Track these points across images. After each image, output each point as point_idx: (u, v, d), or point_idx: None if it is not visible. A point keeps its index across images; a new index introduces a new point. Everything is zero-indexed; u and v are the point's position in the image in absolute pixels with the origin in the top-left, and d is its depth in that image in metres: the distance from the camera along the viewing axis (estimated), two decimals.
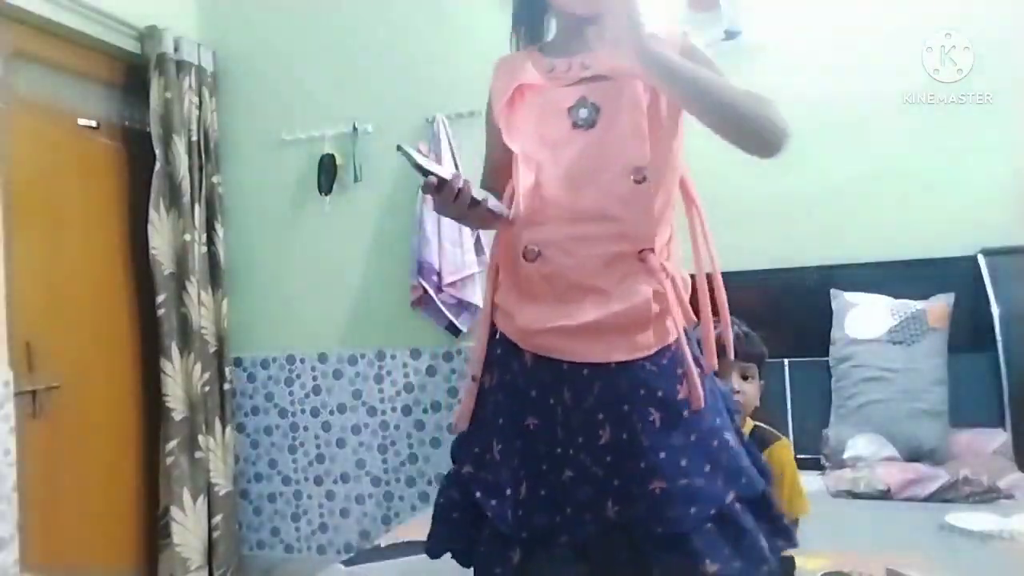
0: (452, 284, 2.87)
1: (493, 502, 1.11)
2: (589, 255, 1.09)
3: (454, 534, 1.20)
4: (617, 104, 1.12)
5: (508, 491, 1.11)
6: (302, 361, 3.26)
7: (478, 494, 1.13)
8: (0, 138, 2.46)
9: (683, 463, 1.07)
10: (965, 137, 2.52)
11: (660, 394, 1.09)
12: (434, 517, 1.23)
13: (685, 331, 1.13)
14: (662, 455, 1.07)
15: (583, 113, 1.13)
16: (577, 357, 1.11)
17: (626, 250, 1.10)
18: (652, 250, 1.11)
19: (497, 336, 1.20)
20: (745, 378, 1.60)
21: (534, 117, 1.16)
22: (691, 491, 1.06)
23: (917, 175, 2.58)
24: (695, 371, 1.10)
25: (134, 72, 3.03)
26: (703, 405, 1.10)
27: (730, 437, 1.14)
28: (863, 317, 2.49)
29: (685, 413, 1.10)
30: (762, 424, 1.61)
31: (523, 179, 1.12)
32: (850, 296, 2.55)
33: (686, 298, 1.16)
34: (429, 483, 3.10)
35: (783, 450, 1.55)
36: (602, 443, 1.09)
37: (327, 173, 3.12)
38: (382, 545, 2.02)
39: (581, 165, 1.12)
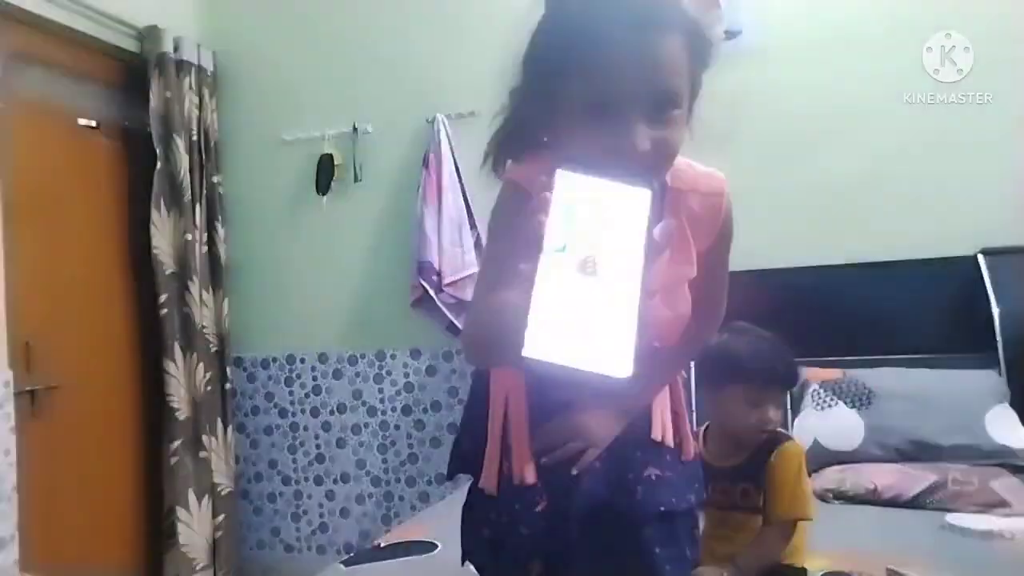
0: (452, 284, 2.87)
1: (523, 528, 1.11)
2: None
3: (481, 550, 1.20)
4: None
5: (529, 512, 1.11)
6: (302, 361, 3.26)
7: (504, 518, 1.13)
8: (0, 138, 2.46)
9: (668, 458, 1.13)
10: (965, 137, 2.52)
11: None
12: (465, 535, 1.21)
13: None
14: (655, 449, 1.12)
15: None
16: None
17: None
18: None
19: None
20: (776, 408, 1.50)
21: None
22: (675, 483, 1.12)
23: (917, 175, 2.58)
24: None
25: (134, 72, 3.03)
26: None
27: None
28: None
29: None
30: None
31: None
32: None
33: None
34: (429, 483, 3.11)
35: (793, 449, 1.51)
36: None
37: (327, 173, 3.12)
38: (382, 545, 2.02)
39: None
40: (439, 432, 3.09)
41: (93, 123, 2.91)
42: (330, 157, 3.12)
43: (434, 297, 2.88)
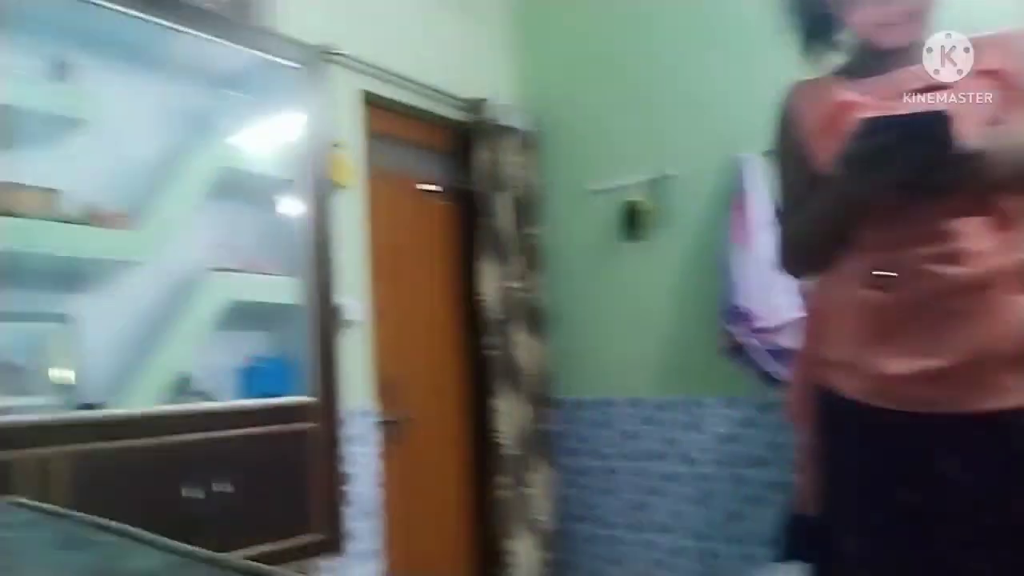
0: (766, 331, 2.66)
1: None
2: (955, 275, 0.92)
3: None
4: (968, 112, 1.03)
5: None
6: (615, 405, 3.27)
7: None
8: (364, 204, 2.87)
9: None
10: None
11: None
12: None
13: None
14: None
15: None
16: (958, 407, 0.90)
17: (1000, 265, 0.92)
18: None
19: (822, 396, 1.03)
20: None
21: None
22: None
23: None
24: None
25: (461, 138, 3.35)
26: None
27: None
28: None
29: None
30: None
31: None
32: None
33: None
34: (755, 544, 2.88)
35: None
36: (1017, 522, 0.87)
37: (633, 219, 3.13)
38: None
39: None
40: (762, 490, 2.86)
41: (433, 187, 3.29)
42: (638, 204, 3.12)
43: (747, 345, 2.69)
